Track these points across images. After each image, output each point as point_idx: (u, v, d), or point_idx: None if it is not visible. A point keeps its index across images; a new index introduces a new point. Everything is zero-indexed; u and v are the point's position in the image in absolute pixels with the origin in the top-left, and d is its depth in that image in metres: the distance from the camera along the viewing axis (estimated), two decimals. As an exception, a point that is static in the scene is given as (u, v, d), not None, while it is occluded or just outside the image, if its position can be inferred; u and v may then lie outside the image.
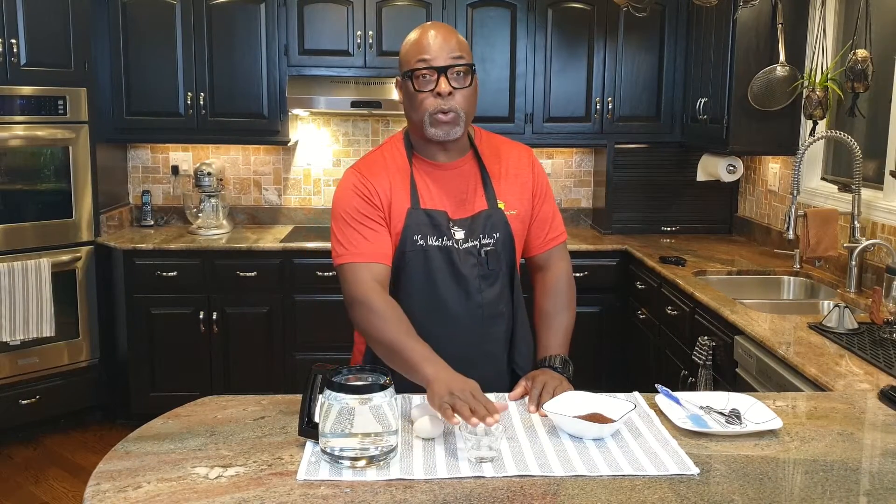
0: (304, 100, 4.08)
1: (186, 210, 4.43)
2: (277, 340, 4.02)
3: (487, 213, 1.85)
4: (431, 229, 1.81)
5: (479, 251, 1.83)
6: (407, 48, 1.80)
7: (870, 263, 3.01)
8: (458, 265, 1.81)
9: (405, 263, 1.81)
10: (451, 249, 1.81)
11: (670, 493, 1.28)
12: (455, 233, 1.82)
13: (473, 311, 1.84)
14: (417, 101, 1.77)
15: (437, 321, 1.82)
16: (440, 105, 1.75)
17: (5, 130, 3.72)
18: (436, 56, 1.75)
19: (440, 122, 1.77)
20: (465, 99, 1.78)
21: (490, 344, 1.88)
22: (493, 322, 1.87)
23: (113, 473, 1.34)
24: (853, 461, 1.42)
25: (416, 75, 1.76)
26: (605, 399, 1.59)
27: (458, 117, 1.78)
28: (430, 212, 1.81)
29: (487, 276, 1.84)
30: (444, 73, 1.75)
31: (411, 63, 1.77)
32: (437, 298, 1.82)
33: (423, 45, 1.76)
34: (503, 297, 1.88)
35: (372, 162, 1.88)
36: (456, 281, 1.82)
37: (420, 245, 1.80)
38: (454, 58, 1.76)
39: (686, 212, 4.42)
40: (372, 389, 1.35)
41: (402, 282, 1.83)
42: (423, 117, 1.78)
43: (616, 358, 4.11)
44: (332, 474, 1.33)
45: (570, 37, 4.22)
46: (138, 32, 4.06)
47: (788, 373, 2.22)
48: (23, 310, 3.73)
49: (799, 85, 3.47)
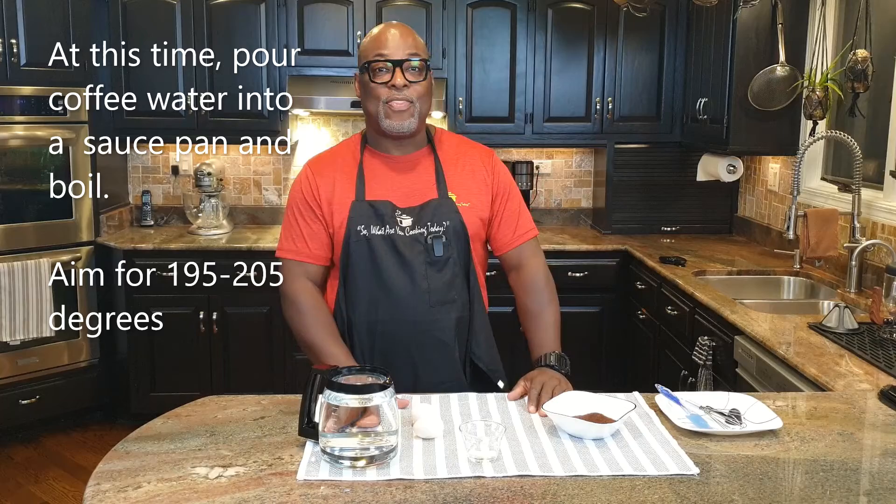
0: (304, 100, 4.08)
1: (186, 210, 4.43)
2: (277, 340, 4.02)
3: (437, 203, 1.89)
4: (375, 219, 1.87)
5: (426, 238, 1.87)
6: (366, 43, 1.90)
7: (870, 263, 3.01)
8: (403, 252, 1.86)
9: (350, 253, 1.87)
10: (395, 237, 1.86)
11: (670, 493, 1.28)
12: (402, 220, 1.87)
13: (420, 296, 1.86)
14: (373, 91, 1.86)
15: (385, 307, 1.87)
16: (395, 94, 1.83)
17: (5, 130, 3.72)
18: (393, 51, 1.84)
19: (394, 112, 1.84)
20: (420, 92, 1.86)
21: (439, 331, 1.89)
22: (442, 309, 1.88)
23: (113, 473, 1.34)
24: (853, 461, 1.42)
25: (373, 68, 1.85)
26: (605, 399, 1.59)
27: (413, 107, 1.85)
28: (374, 202, 1.88)
29: (434, 262, 1.87)
30: (400, 66, 1.84)
31: (369, 56, 1.87)
32: (382, 285, 1.87)
33: (382, 40, 1.86)
34: (454, 285, 1.89)
35: (322, 159, 2.02)
36: (400, 267, 1.86)
37: (363, 235, 1.86)
38: (410, 54, 1.85)
39: (686, 212, 4.42)
40: (372, 389, 1.35)
41: (350, 270, 1.89)
42: (377, 108, 1.86)
43: (616, 358, 4.11)
44: (332, 474, 1.33)
45: (570, 37, 4.22)
46: (138, 32, 4.06)
47: (788, 373, 2.22)
48: (23, 310, 3.73)
49: (799, 85, 3.47)
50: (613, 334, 4.10)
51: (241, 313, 3.99)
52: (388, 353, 1.88)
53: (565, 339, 1.95)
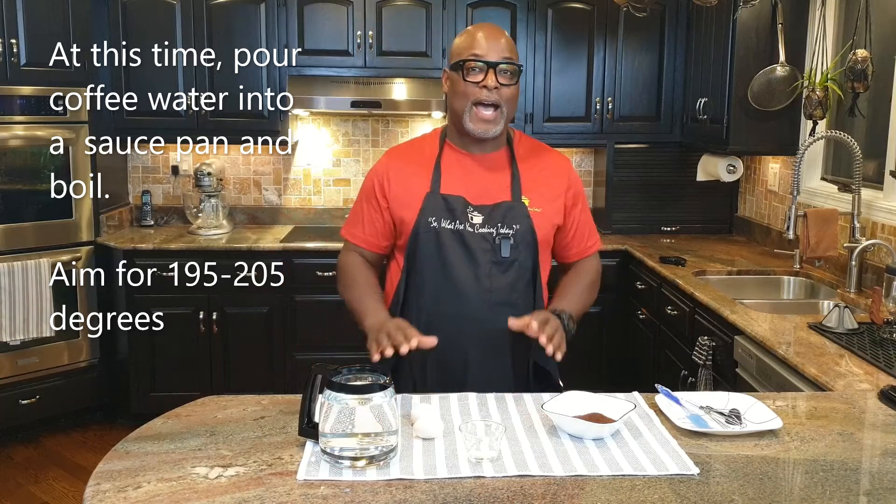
0: (304, 100, 4.08)
1: (186, 210, 4.43)
2: (277, 340, 4.02)
3: (510, 205, 1.89)
4: (447, 213, 1.87)
5: (494, 238, 1.87)
6: (460, 42, 1.90)
7: (870, 263, 3.01)
8: (471, 248, 1.86)
9: (418, 244, 1.88)
10: (464, 233, 1.87)
11: (670, 493, 1.28)
12: (473, 217, 1.88)
13: (482, 294, 1.86)
14: (463, 90, 1.86)
15: (448, 298, 1.88)
16: (485, 96, 1.84)
17: (5, 130, 3.72)
18: (487, 52, 1.84)
19: (481, 119, 1.85)
20: (509, 97, 1.87)
21: (497, 332, 1.85)
22: (503, 310, 1.84)
23: (113, 473, 1.34)
24: (853, 461, 1.42)
25: (467, 66, 1.84)
26: (605, 399, 1.59)
27: (501, 114, 1.86)
28: (448, 196, 1.89)
29: (500, 262, 1.87)
30: (494, 68, 1.83)
31: (463, 55, 1.86)
32: (447, 277, 1.87)
33: (477, 40, 1.86)
34: (516, 288, 1.89)
35: (402, 149, 2.04)
36: (466, 262, 1.86)
37: (433, 227, 1.87)
38: (505, 58, 1.85)
39: (686, 212, 4.42)
40: (372, 389, 1.35)
41: (417, 261, 1.90)
42: (465, 106, 1.86)
43: (616, 358, 4.11)
44: (332, 474, 1.33)
45: (570, 37, 4.22)
46: (139, 32, 4.06)
47: (788, 373, 2.22)
48: (23, 310, 3.73)
49: (799, 85, 3.47)
50: (613, 334, 4.10)
51: (241, 313, 3.99)
52: (443, 348, 1.80)
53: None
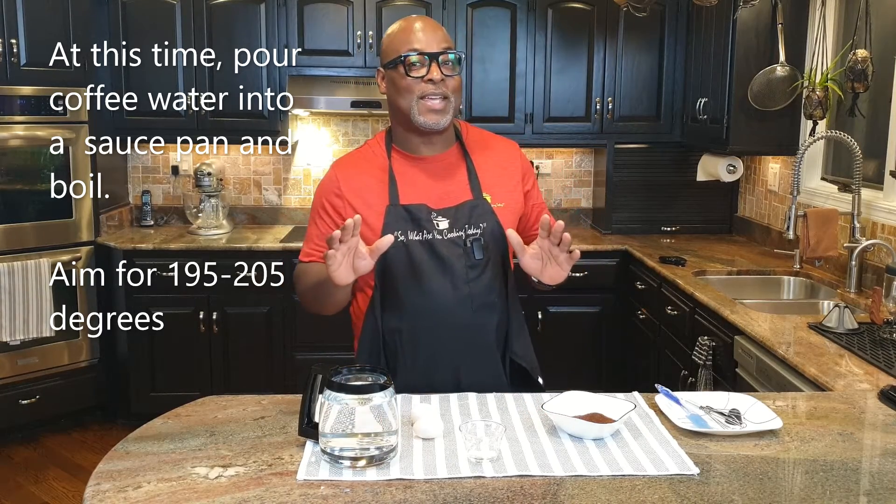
0: (304, 100, 4.08)
1: (186, 210, 4.43)
2: (277, 340, 4.02)
3: (473, 204, 1.83)
4: (411, 224, 1.79)
5: (465, 241, 1.81)
6: (394, 38, 1.81)
7: (870, 263, 3.01)
8: (443, 256, 1.79)
9: (389, 260, 1.77)
10: (434, 241, 1.80)
11: (670, 493, 1.28)
12: (438, 223, 1.81)
13: (462, 301, 1.80)
14: (407, 86, 1.78)
15: (427, 313, 1.80)
16: (432, 89, 1.76)
17: (5, 130, 3.72)
18: (427, 44, 1.77)
19: (430, 110, 1.78)
20: (455, 87, 1.80)
21: (482, 335, 1.85)
22: (485, 313, 1.84)
23: (113, 473, 1.34)
24: (853, 461, 1.42)
25: (408, 62, 1.76)
26: (605, 399, 1.59)
27: (449, 104, 1.79)
28: (409, 206, 1.80)
29: (475, 265, 1.81)
30: (436, 59, 1.77)
31: (401, 50, 1.78)
32: (423, 291, 1.79)
33: (414, 32, 1.78)
34: (493, 288, 1.85)
35: (348, 161, 1.91)
36: (442, 272, 1.79)
37: (401, 241, 1.78)
38: (445, 47, 1.78)
39: (686, 212, 4.42)
40: (372, 389, 1.35)
41: (388, 278, 1.81)
42: (411, 103, 1.78)
43: (616, 358, 4.10)
44: (332, 474, 1.33)
45: (570, 37, 4.22)
46: (138, 32, 4.06)
47: (788, 373, 2.22)
48: (23, 310, 3.73)
49: (799, 85, 3.47)
50: (613, 334, 4.10)
51: (241, 313, 3.99)
52: (432, 359, 1.81)
53: (565, 339, 1.95)
